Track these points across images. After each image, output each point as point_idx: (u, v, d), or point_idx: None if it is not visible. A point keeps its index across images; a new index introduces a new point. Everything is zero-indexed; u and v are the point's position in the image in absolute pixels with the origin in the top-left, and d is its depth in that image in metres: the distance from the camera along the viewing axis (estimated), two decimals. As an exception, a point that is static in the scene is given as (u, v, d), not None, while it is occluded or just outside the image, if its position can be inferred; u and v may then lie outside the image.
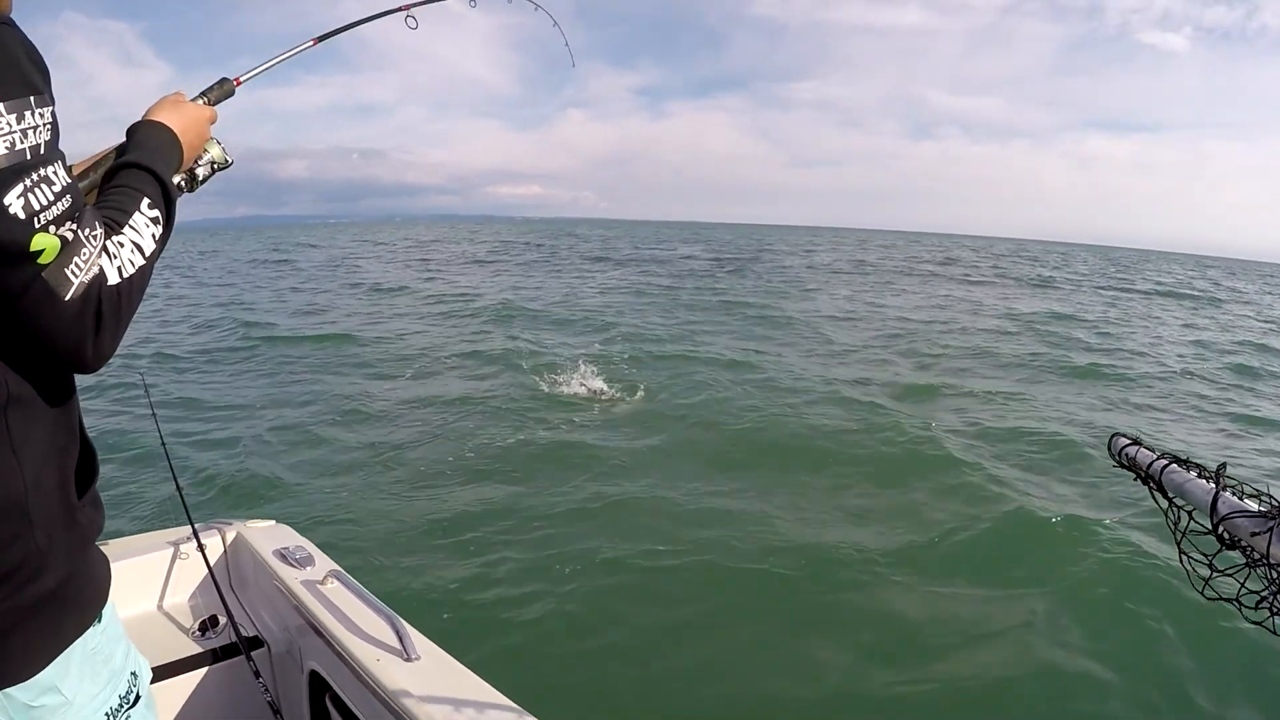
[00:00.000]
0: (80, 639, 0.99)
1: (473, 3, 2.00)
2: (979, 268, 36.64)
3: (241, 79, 1.28)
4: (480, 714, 1.44)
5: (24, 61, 0.79)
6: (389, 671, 1.55)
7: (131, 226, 0.92)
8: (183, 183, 1.18)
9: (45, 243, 0.78)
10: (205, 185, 1.22)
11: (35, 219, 0.78)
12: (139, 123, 1.09)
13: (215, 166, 1.21)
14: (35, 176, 0.78)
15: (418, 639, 1.66)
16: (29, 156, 0.78)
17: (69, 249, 0.81)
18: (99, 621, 1.03)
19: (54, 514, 0.93)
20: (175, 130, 1.09)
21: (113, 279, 0.86)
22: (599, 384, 8.73)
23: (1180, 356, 13.37)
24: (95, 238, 0.85)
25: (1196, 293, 30.42)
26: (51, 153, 0.81)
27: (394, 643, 1.64)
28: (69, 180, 0.82)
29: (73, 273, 0.82)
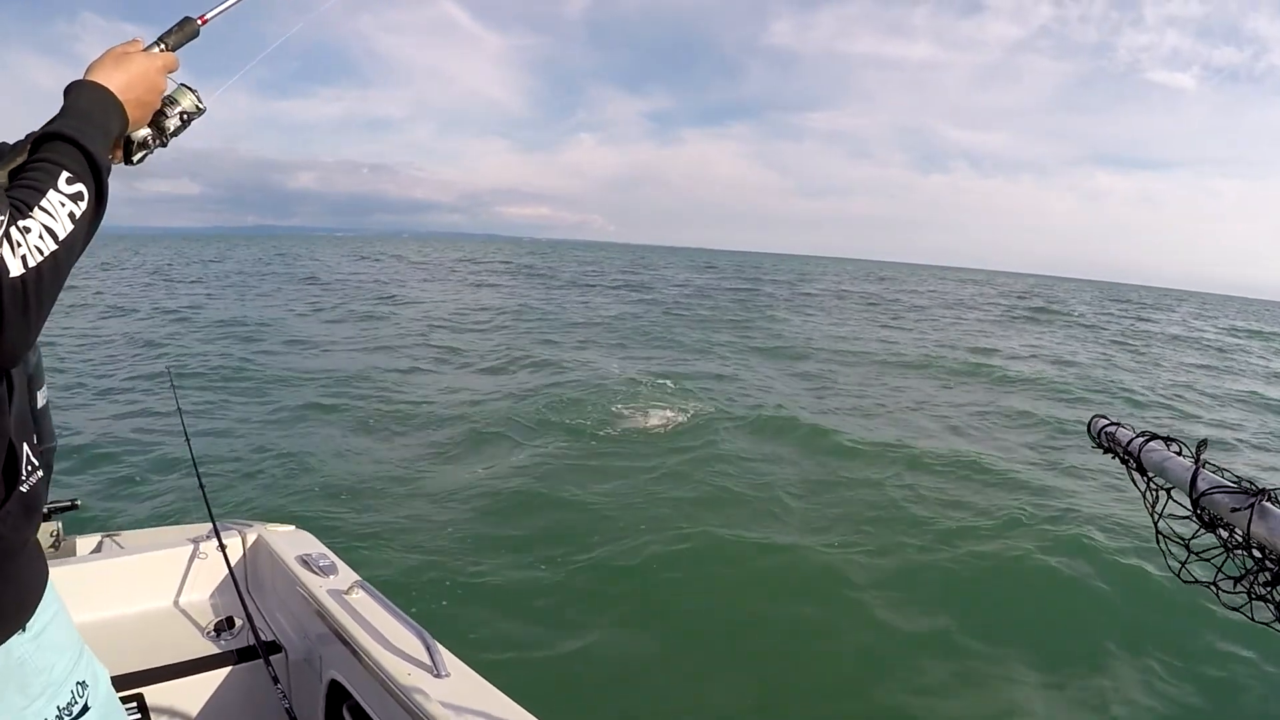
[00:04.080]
0: None
1: None
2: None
3: (208, 16, 1.11)
4: None
5: None
6: (418, 686, 1.51)
7: (43, 208, 0.83)
8: (150, 138, 1.07)
9: None
10: (181, 135, 1.11)
11: None
12: (72, 83, 0.97)
13: (187, 116, 1.10)
14: None
15: (448, 657, 1.62)
16: None
17: None
18: (23, 631, 0.98)
19: None
20: (114, 89, 0.97)
21: (15, 270, 0.78)
22: (633, 410, 8.51)
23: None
24: None
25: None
26: None
27: (424, 658, 1.61)
28: None
29: None
